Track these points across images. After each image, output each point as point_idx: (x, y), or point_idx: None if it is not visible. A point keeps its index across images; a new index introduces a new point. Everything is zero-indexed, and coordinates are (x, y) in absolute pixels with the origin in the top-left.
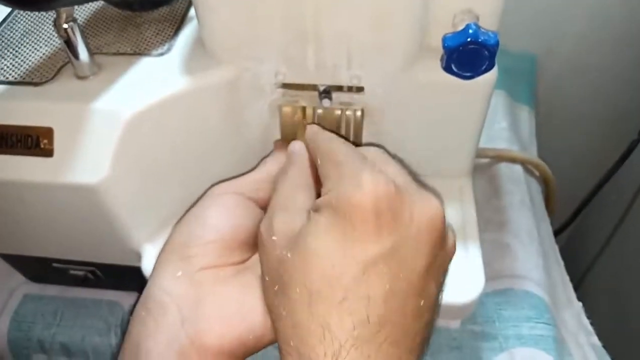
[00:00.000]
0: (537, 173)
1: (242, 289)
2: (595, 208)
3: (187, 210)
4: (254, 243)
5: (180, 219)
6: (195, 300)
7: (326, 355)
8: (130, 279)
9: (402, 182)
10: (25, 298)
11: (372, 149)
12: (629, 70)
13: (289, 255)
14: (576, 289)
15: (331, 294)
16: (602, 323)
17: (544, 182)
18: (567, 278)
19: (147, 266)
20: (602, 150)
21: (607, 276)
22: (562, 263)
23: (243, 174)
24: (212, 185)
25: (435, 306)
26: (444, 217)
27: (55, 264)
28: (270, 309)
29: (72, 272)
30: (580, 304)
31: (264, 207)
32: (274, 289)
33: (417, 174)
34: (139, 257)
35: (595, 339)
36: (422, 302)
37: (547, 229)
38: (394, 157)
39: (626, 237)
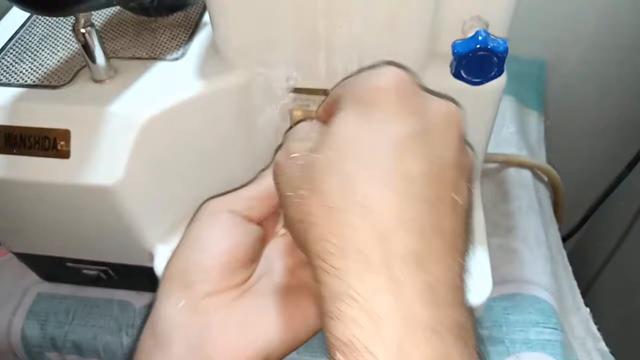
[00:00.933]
0: (545, 178)
1: (246, 313)
2: (604, 214)
3: (184, 232)
4: (253, 259)
5: (179, 243)
6: (200, 329)
7: (372, 238)
8: (143, 279)
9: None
10: (39, 297)
11: None
12: (638, 76)
13: (315, 155)
14: (584, 294)
15: (368, 172)
16: (610, 329)
17: (553, 188)
18: (574, 283)
19: (159, 266)
20: (611, 155)
21: (616, 282)
22: (570, 268)
23: (240, 187)
24: (207, 200)
25: (468, 213)
26: (460, 115)
27: (68, 264)
28: (295, 226)
29: (85, 271)
30: (588, 309)
31: (260, 223)
32: (301, 194)
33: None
34: (151, 257)
35: (602, 345)
36: (456, 196)
37: (555, 234)
38: None
39: (635, 243)
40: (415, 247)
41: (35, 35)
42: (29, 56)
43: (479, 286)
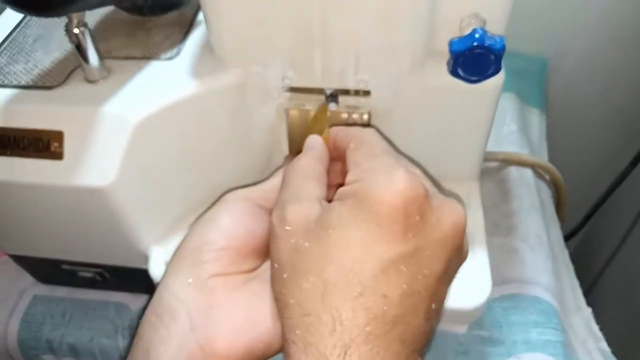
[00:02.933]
0: (547, 177)
1: (251, 297)
2: (607, 212)
3: (200, 215)
4: (263, 251)
5: (195, 221)
6: (205, 307)
7: (335, 347)
8: (138, 280)
9: (429, 186)
10: (34, 299)
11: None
12: (639, 73)
13: (306, 244)
14: (587, 294)
15: (348, 287)
16: (613, 329)
17: (555, 186)
18: (576, 283)
19: (154, 268)
20: (613, 154)
21: (619, 281)
22: (571, 267)
23: (256, 183)
24: (226, 192)
25: (442, 311)
26: (466, 223)
27: (64, 266)
28: (278, 297)
29: (80, 273)
30: (590, 309)
31: None
32: (283, 277)
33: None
34: (146, 259)
35: (604, 345)
36: (433, 305)
37: (557, 233)
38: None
39: (638, 242)
40: (373, 358)
41: (29, 36)
42: (23, 57)
43: (479, 288)
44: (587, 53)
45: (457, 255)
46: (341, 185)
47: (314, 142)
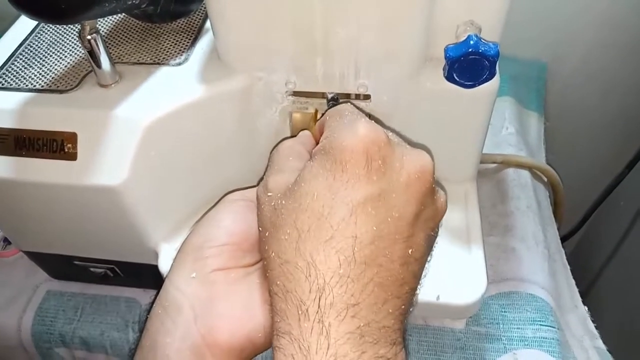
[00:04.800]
0: (544, 179)
1: (251, 289)
2: (604, 214)
3: (204, 214)
4: None
5: (198, 221)
6: (207, 299)
7: (311, 291)
8: (148, 276)
9: (393, 137)
10: (48, 294)
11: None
12: (637, 77)
13: (282, 202)
14: (585, 294)
15: (319, 232)
16: (611, 329)
17: (552, 188)
18: (572, 282)
19: (163, 264)
20: (610, 156)
21: (616, 283)
22: (568, 267)
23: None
24: (227, 193)
25: (423, 259)
26: (433, 169)
27: (76, 262)
28: (263, 256)
29: (92, 269)
30: (586, 307)
31: None
32: (266, 235)
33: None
34: (155, 255)
35: (599, 342)
36: (410, 251)
37: (554, 233)
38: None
39: (635, 244)
40: (347, 300)
41: (43, 42)
42: (38, 62)
43: (475, 283)
44: (585, 59)
45: (428, 201)
46: None
47: (301, 133)
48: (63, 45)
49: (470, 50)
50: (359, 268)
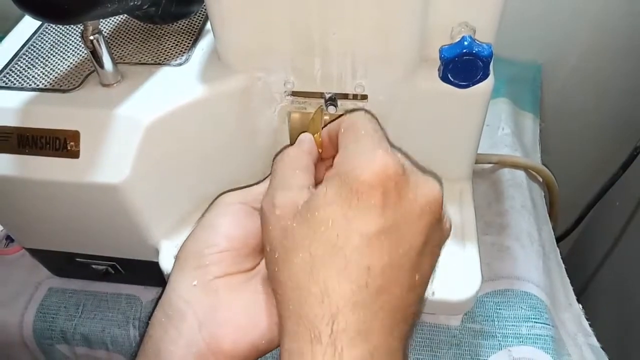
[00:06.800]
0: (540, 179)
1: (253, 296)
2: (599, 214)
3: (203, 213)
4: (262, 249)
5: (198, 221)
6: (210, 307)
7: (324, 317)
8: (149, 273)
9: (408, 165)
10: (50, 291)
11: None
12: (632, 79)
13: (294, 225)
14: (580, 294)
15: (333, 260)
16: (606, 328)
17: (547, 188)
18: (567, 280)
19: (164, 261)
20: (605, 157)
21: (611, 282)
22: (562, 265)
23: (251, 185)
24: (220, 195)
25: (427, 283)
26: (443, 199)
27: (78, 259)
28: (272, 276)
29: (93, 266)
30: (580, 306)
31: None
32: (275, 257)
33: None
34: (156, 252)
35: (593, 340)
36: (417, 277)
37: (549, 232)
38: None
39: (630, 243)
40: (359, 326)
41: (46, 42)
42: (41, 62)
43: (469, 280)
44: (580, 61)
45: (436, 230)
46: None
47: (304, 138)
48: (66, 45)
49: (464, 51)
50: (371, 296)
